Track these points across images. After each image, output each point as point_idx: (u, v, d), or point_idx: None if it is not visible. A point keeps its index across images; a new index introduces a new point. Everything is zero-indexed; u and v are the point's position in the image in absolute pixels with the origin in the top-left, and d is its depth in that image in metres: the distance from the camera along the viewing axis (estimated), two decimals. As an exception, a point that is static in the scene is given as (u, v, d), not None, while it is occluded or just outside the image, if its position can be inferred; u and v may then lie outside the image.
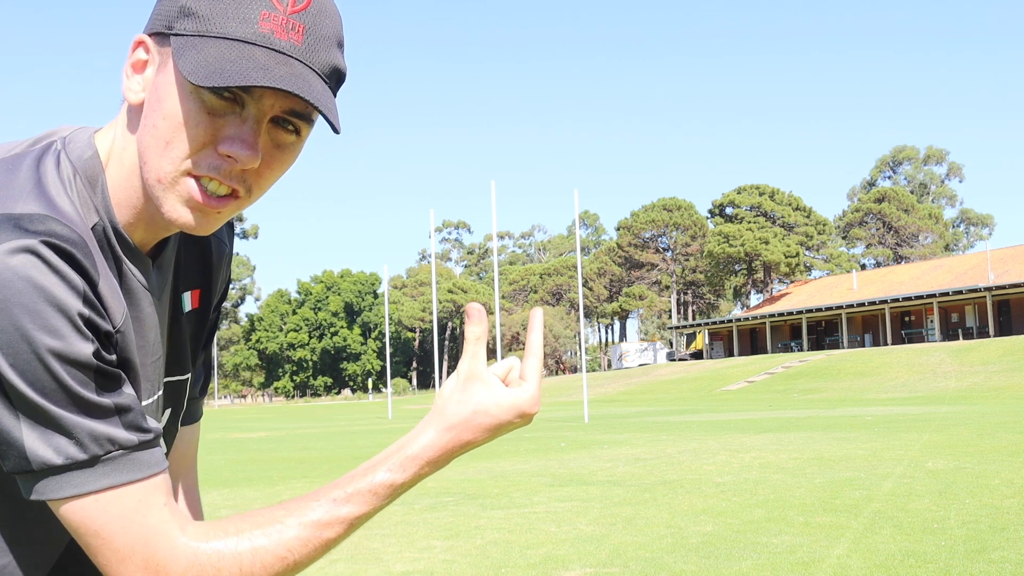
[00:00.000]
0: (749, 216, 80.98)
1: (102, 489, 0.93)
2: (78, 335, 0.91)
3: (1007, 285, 54.37)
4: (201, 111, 0.96)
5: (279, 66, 0.94)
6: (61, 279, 0.90)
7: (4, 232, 0.89)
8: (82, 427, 0.92)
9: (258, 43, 0.95)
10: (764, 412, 27.48)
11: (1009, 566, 5.59)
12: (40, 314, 0.89)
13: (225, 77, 0.91)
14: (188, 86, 0.96)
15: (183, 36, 0.96)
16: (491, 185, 30.60)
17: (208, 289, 1.23)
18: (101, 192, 1.02)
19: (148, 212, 1.04)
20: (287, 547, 0.98)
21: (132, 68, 1.02)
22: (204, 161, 0.97)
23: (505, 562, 6.26)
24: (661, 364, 73.41)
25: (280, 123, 0.99)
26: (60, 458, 0.91)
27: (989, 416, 20.15)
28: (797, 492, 9.06)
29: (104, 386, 0.94)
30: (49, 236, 0.91)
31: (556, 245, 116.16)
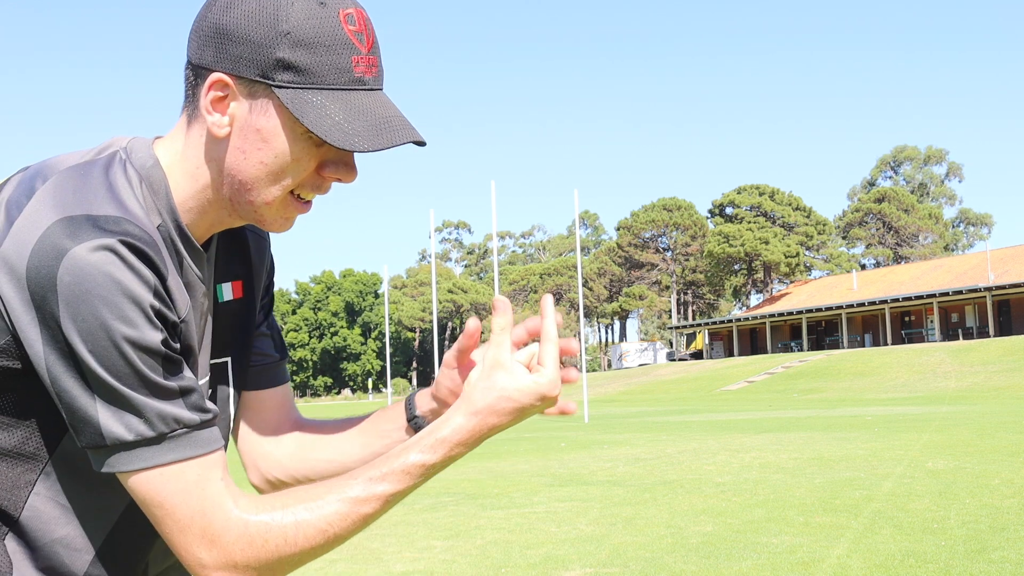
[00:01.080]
0: (749, 216, 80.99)
1: (167, 463, 1.04)
2: (149, 325, 1.01)
3: (1007, 285, 54.38)
4: (311, 147, 1.10)
5: (386, 111, 1.09)
6: (135, 274, 1.01)
7: (85, 231, 1.00)
8: (151, 407, 1.02)
9: (357, 88, 1.08)
10: (764, 412, 27.48)
11: (1009, 566, 5.59)
12: (117, 305, 0.99)
13: (380, 141, 1.06)
14: (300, 131, 1.08)
15: (289, 89, 1.07)
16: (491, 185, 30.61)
17: (250, 278, 1.33)
18: (165, 196, 1.14)
19: (216, 218, 1.18)
20: (327, 520, 1.07)
21: (212, 105, 1.10)
22: (308, 184, 1.12)
23: (505, 562, 6.26)
24: (661, 364, 73.42)
25: None
26: (131, 435, 1.02)
27: (989, 416, 20.16)
28: (797, 492, 9.06)
29: (170, 371, 1.04)
30: (125, 235, 1.01)
31: (556, 245, 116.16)
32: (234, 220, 1.18)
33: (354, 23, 1.08)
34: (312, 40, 1.06)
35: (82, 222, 1.00)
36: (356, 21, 1.08)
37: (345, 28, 1.07)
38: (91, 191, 1.05)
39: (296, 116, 1.06)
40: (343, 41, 1.07)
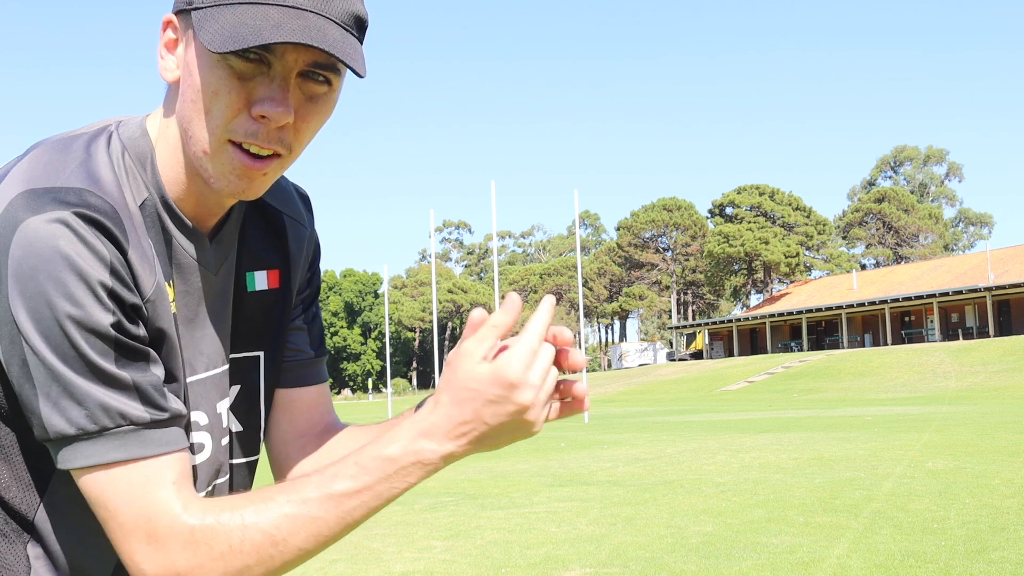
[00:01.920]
0: (749, 216, 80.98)
1: (111, 463, 0.95)
2: (98, 304, 0.94)
3: (1007, 285, 54.37)
4: (231, 77, 0.98)
5: (292, 20, 0.95)
6: (88, 248, 0.94)
7: (44, 203, 0.94)
8: (93, 398, 0.94)
9: (272, 3, 0.96)
10: (764, 412, 27.47)
11: (1009, 566, 5.59)
12: (62, 282, 0.92)
13: (240, 40, 0.94)
14: (214, 56, 0.98)
15: (202, 8, 0.98)
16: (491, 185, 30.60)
17: (287, 268, 1.24)
18: (151, 170, 1.07)
19: (196, 186, 1.07)
20: (275, 524, 0.96)
21: (165, 48, 1.05)
22: (240, 127, 1.00)
23: (505, 562, 6.26)
24: (661, 364, 73.40)
25: (309, 76, 1.01)
26: (72, 428, 0.94)
27: (989, 416, 20.15)
28: (797, 492, 9.06)
29: (124, 359, 0.96)
30: (82, 207, 0.95)
31: (556, 245, 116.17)
32: (211, 191, 1.07)
33: None
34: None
35: (42, 194, 0.95)
36: None
37: None
38: (62, 164, 1.00)
39: (196, 32, 0.98)
40: None
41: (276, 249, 1.24)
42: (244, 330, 1.21)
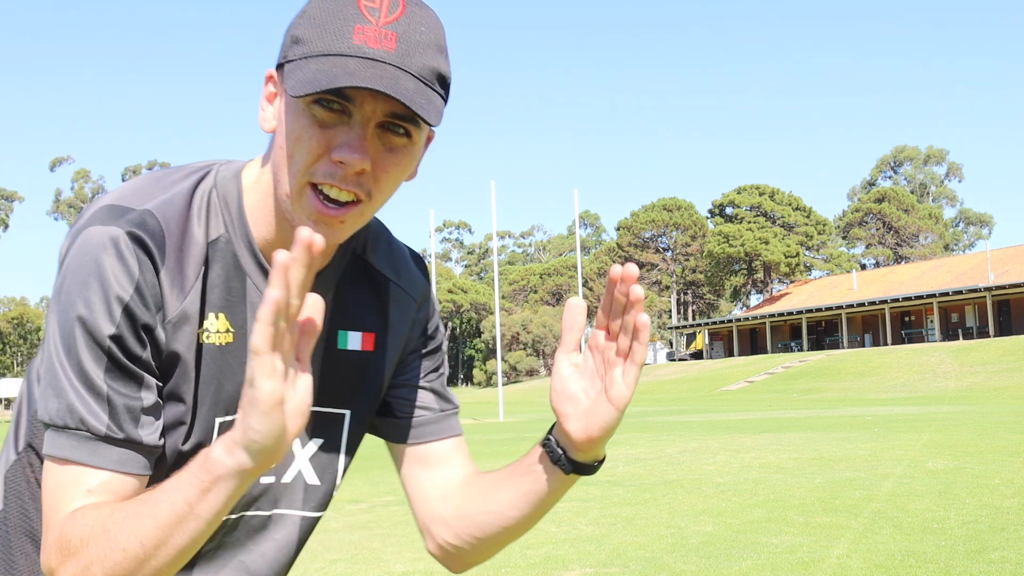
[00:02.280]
0: (749, 216, 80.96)
1: (59, 458, 1.03)
2: (106, 314, 1.03)
3: (1007, 285, 54.36)
4: (313, 125, 1.04)
5: (367, 70, 1.01)
6: (121, 263, 1.04)
7: (110, 218, 1.06)
8: (69, 396, 1.03)
9: (351, 54, 1.02)
10: (764, 412, 27.47)
11: (1009, 566, 5.59)
12: (86, 286, 1.03)
13: (314, 85, 0.99)
14: (300, 104, 1.04)
15: (292, 61, 1.05)
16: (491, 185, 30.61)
17: (384, 333, 1.28)
18: (237, 211, 1.14)
19: (284, 231, 1.13)
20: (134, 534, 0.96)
21: (266, 100, 1.12)
22: (320, 169, 1.05)
23: (505, 562, 6.26)
24: (661, 364, 73.39)
25: (388, 128, 1.06)
26: (47, 416, 1.04)
27: (989, 416, 20.15)
28: (797, 492, 9.05)
29: (114, 371, 1.04)
30: (134, 227, 1.05)
31: (556, 245, 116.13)
32: None
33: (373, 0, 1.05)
34: (320, 14, 1.05)
35: (116, 211, 1.06)
36: None
37: (359, 3, 1.04)
38: (148, 191, 1.10)
39: (284, 79, 1.05)
40: (351, 13, 1.03)
41: (377, 313, 1.27)
42: (332, 386, 1.24)
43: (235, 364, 1.14)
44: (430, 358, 1.34)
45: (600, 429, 1.08)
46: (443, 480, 1.30)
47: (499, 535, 1.25)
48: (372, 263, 1.27)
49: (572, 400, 1.09)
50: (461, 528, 1.27)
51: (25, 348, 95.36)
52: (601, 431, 1.08)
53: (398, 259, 1.31)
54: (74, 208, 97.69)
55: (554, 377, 1.09)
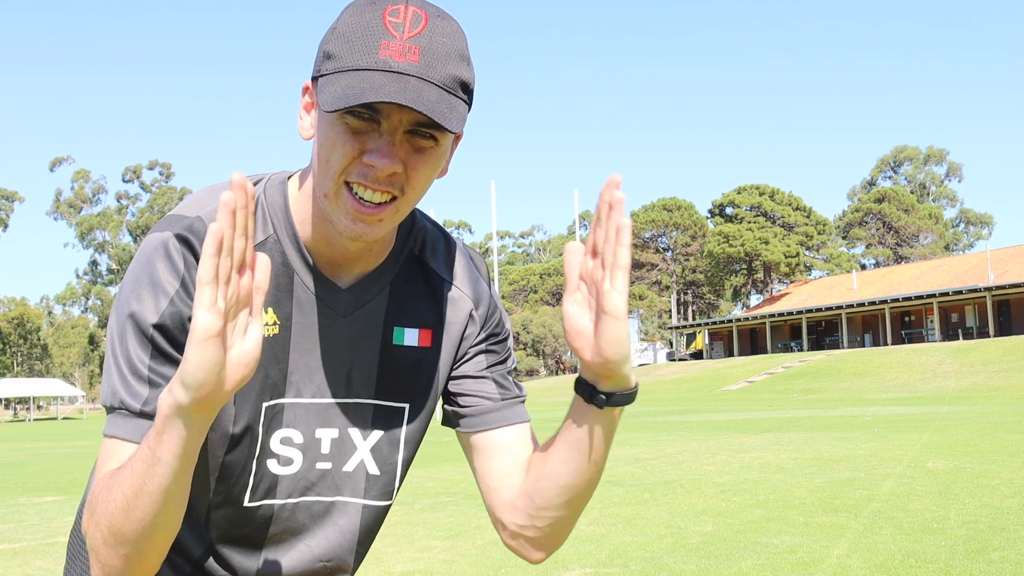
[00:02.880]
0: (749, 216, 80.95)
1: (108, 435, 1.15)
2: (153, 306, 1.15)
3: (1007, 285, 54.35)
4: (346, 132, 1.12)
5: (392, 83, 1.08)
6: (169, 262, 1.16)
7: (167, 224, 1.19)
8: (115, 379, 1.15)
9: (378, 68, 1.09)
10: (764, 412, 27.47)
11: (1009, 566, 5.59)
12: (139, 282, 1.16)
13: (344, 101, 1.07)
14: (333, 116, 1.13)
15: (325, 76, 1.13)
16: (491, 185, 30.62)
17: (440, 331, 1.34)
18: (283, 214, 1.25)
19: (326, 232, 1.23)
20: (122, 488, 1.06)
21: (304, 110, 1.22)
22: (354, 170, 1.13)
23: (505, 562, 6.26)
24: (661, 364, 73.38)
25: (415, 133, 1.14)
26: (102, 398, 1.17)
27: (989, 416, 20.15)
28: (797, 492, 9.06)
29: (156, 359, 1.15)
30: (183, 231, 1.17)
31: (556, 245, 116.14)
32: (338, 236, 1.22)
33: (397, 15, 1.12)
34: (349, 31, 1.12)
35: (171, 219, 1.20)
36: (400, 14, 1.12)
37: (384, 19, 1.11)
38: (204, 199, 1.22)
39: (318, 93, 1.14)
40: (377, 29, 1.11)
41: (432, 311, 1.34)
42: (390, 381, 1.32)
43: (279, 352, 1.24)
44: (492, 351, 1.39)
45: (609, 345, 1.05)
46: (508, 467, 1.32)
47: (561, 499, 1.26)
48: (428, 263, 1.35)
49: (581, 334, 1.09)
50: (526, 505, 1.28)
51: (25, 348, 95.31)
52: (610, 347, 1.06)
53: (455, 260, 1.38)
54: (74, 208, 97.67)
55: (564, 320, 1.10)
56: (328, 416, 1.28)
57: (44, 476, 14.46)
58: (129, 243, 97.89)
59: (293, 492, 1.29)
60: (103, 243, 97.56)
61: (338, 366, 1.27)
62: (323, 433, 1.29)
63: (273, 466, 1.27)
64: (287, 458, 1.27)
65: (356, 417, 1.30)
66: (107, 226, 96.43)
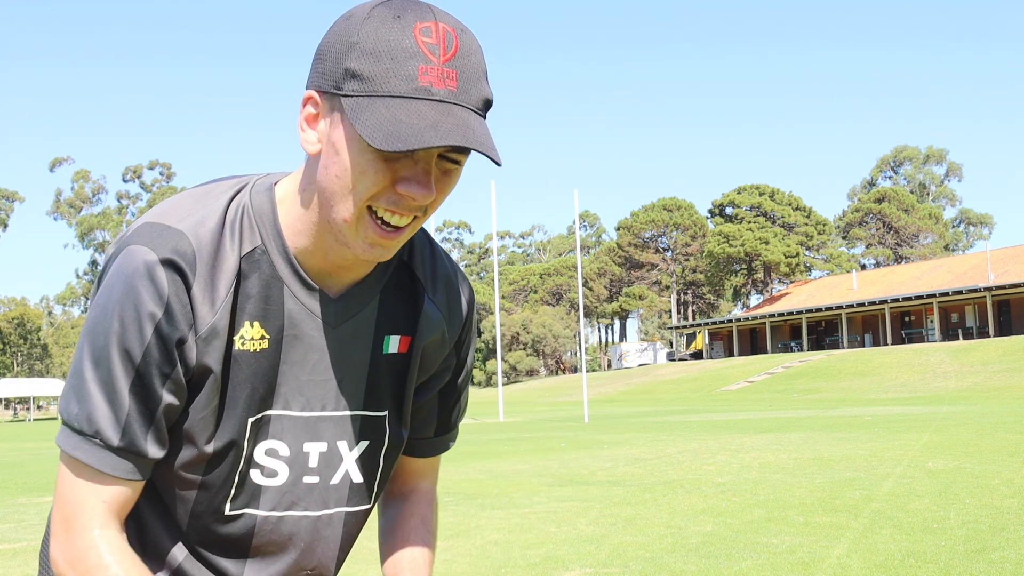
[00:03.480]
0: (749, 216, 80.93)
1: (72, 456, 1.13)
2: (137, 332, 1.10)
3: (1007, 285, 54.34)
4: (378, 160, 1.07)
5: (445, 119, 1.04)
6: (154, 285, 1.11)
7: (149, 236, 1.13)
8: (91, 405, 1.11)
9: (422, 97, 1.04)
10: (764, 412, 27.47)
11: (1009, 566, 5.59)
12: (122, 305, 1.11)
13: (403, 141, 1.01)
14: (362, 141, 1.06)
15: (353, 97, 1.06)
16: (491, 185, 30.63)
17: (415, 337, 1.31)
18: (271, 223, 1.19)
19: (324, 244, 1.18)
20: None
21: (306, 122, 1.13)
22: (383, 198, 1.09)
23: (505, 562, 6.26)
24: (661, 364, 73.37)
25: (445, 157, 1.11)
26: (66, 415, 1.13)
27: (989, 416, 20.15)
28: (797, 492, 9.06)
29: (136, 388, 1.12)
30: (169, 251, 1.12)
31: (556, 245, 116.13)
32: (343, 249, 1.17)
33: (430, 35, 1.06)
34: (378, 49, 1.05)
35: (152, 228, 1.13)
36: (432, 34, 1.06)
37: (417, 39, 1.05)
38: (186, 209, 1.16)
39: (351, 121, 1.06)
40: (411, 50, 1.05)
41: (411, 317, 1.31)
42: (376, 390, 1.30)
43: (268, 368, 1.20)
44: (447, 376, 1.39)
45: None
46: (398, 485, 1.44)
47: None
48: (415, 270, 1.32)
49: None
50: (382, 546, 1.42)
51: (25, 348, 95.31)
52: None
53: (438, 270, 1.35)
54: (74, 208, 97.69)
55: None
56: (317, 429, 1.26)
57: (44, 476, 14.45)
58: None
59: (277, 505, 1.27)
60: (103, 243, 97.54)
61: (328, 378, 1.25)
62: (311, 447, 1.26)
63: (257, 476, 1.24)
64: (272, 470, 1.25)
65: (344, 429, 1.28)
66: (107, 226, 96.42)
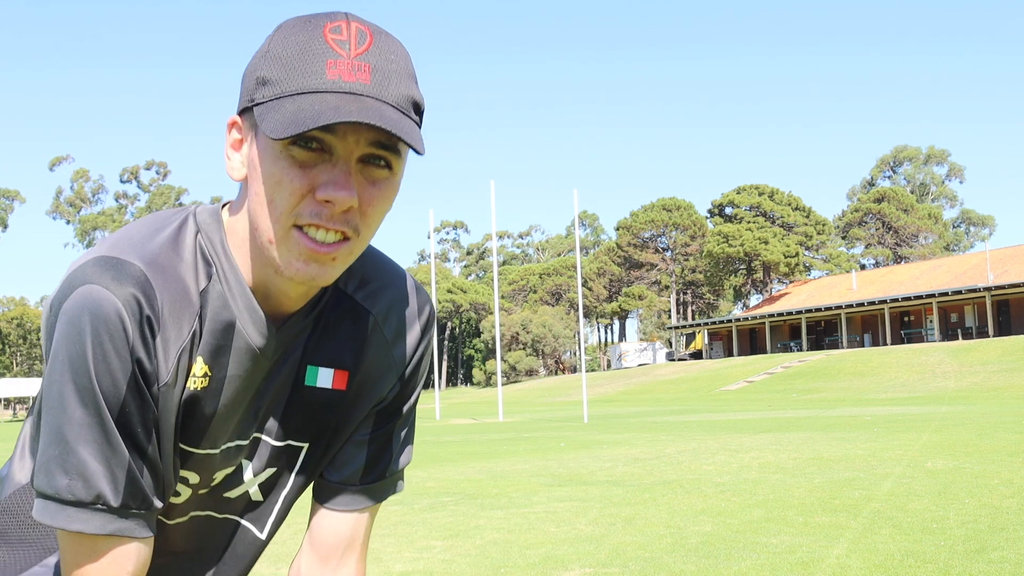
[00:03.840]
0: (749, 216, 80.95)
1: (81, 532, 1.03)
2: (112, 386, 1.01)
3: (1006, 285, 54.36)
4: (293, 166, 1.01)
5: (350, 104, 0.98)
6: (122, 331, 1.01)
7: (104, 274, 1.02)
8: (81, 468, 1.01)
9: (329, 90, 0.99)
10: (763, 412, 27.47)
11: (1009, 566, 5.59)
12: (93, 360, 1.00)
13: (300, 125, 0.96)
14: (277, 147, 1.02)
15: (263, 103, 1.02)
16: (490, 185, 30.63)
17: (356, 373, 1.23)
18: (224, 256, 1.12)
19: (264, 276, 1.11)
20: None
21: (231, 148, 1.09)
22: (305, 210, 1.02)
23: (505, 562, 6.26)
24: (661, 364, 73.38)
25: (370, 161, 1.04)
26: (51, 490, 1.02)
27: (989, 416, 20.15)
28: (797, 492, 9.06)
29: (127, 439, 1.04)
30: (133, 291, 1.02)
31: (555, 245, 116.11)
32: (284, 281, 1.10)
33: (340, 32, 1.02)
34: (287, 53, 1.02)
35: (107, 264, 1.03)
36: (343, 30, 1.02)
37: (326, 36, 1.02)
38: (136, 238, 1.08)
39: (259, 124, 1.01)
40: (320, 48, 1.01)
41: (352, 352, 1.22)
42: (294, 421, 1.22)
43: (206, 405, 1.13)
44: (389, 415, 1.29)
45: None
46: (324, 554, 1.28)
47: None
48: (358, 299, 1.23)
49: None
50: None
51: (25, 348, 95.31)
52: None
53: (386, 292, 1.25)
54: (74, 207, 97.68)
55: None
56: (228, 456, 1.21)
57: (43, 476, 14.44)
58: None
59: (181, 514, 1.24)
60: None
61: (251, 409, 1.19)
62: (220, 474, 1.22)
63: None
64: (177, 491, 1.21)
65: (254, 453, 1.23)
66: (107, 226, 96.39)
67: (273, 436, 1.23)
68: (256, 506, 1.28)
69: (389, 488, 1.31)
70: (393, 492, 1.32)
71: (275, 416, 1.21)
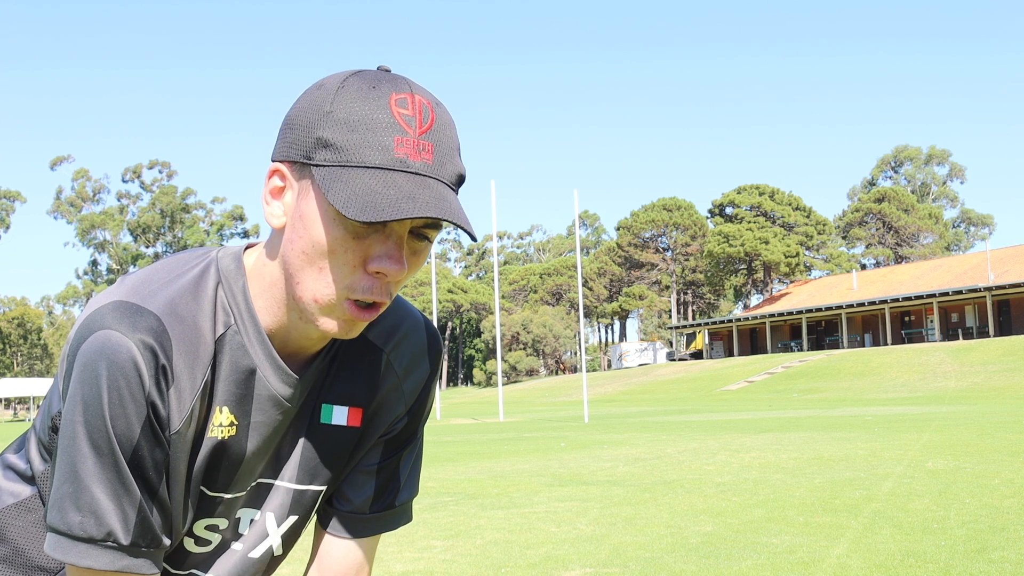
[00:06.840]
0: (749, 216, 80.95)
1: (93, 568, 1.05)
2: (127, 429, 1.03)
3: (1007, 285, 54.35)
4: (348, 237, 1.03)
5: (421, 191, 1.00)
6: (137, 377, 1.03)
7: (123, 320, 1.04)
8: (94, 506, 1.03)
9: (396, 168, 1.01)
10: (764, 412, 27.47)
11: (1009, 566, 5.58)
12: (110, 404, 1.02)
13: (380, 212, 0.97)
14: (333, 213, 1.02)
15: (325, 167, 1.02)
16: (491, 185, 30.62)
17: (372, 408, 1.25)
18: (244, 302, 1.13)
19: (288, 321, 1.13)
20: None
21: (271, 194, 1.09)
22: (359, 284, 1.05)
23: (505, 562, 6.26)
24: (661, 364, 73.38)
25: (415, 234, 1.07)
26: (63, 526, 1.04)
27: (989, 416, 20.15)
28: (797, 492, 9.05)
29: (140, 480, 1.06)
30: (151, 339, 1.04)
31: (555, 245, 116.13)
32: (307, 326, 1.12)
33: (406, 107, 1.03)
34: (353, 119, 1.02)
35: (126, 309, 1.04)
36: (409, 105, 1.03)
37: (393, 110, 1.03)
38: (156, 283, 1.09)
39: (323, 190, 1.01)
40: (387, 122, 1.02)
41: (366, 388, 1.24)
42: (312, 463, 1.23)
43: (233, 455, 1.16)
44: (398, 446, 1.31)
45: None
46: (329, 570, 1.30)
47: None
48: (366, 334, 1.24)
49: None
50: None
51: (25, 348, 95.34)
52: None
53: (398, 329, 1.28)
54: (75, 207, 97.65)
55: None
56: (253, 497, 1.23)
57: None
58: (130, 243, 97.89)
59: (205, 563, 1.24)
60: (104, 243, 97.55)
61: (277, 453, 1.21)
62: (244, 513, 1.23)
63: (190, 545, 1.22)
64: (206, 540, 1.22)
65: (276, 502, 1.24)
66: (108, 225, 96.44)
67: (289, 479, 1.23)
68: (276, 562, 1.29)
69: (399, 517, 1.35)
70: (404, 522, 1.36)
71: (292, 456, 1.22)
